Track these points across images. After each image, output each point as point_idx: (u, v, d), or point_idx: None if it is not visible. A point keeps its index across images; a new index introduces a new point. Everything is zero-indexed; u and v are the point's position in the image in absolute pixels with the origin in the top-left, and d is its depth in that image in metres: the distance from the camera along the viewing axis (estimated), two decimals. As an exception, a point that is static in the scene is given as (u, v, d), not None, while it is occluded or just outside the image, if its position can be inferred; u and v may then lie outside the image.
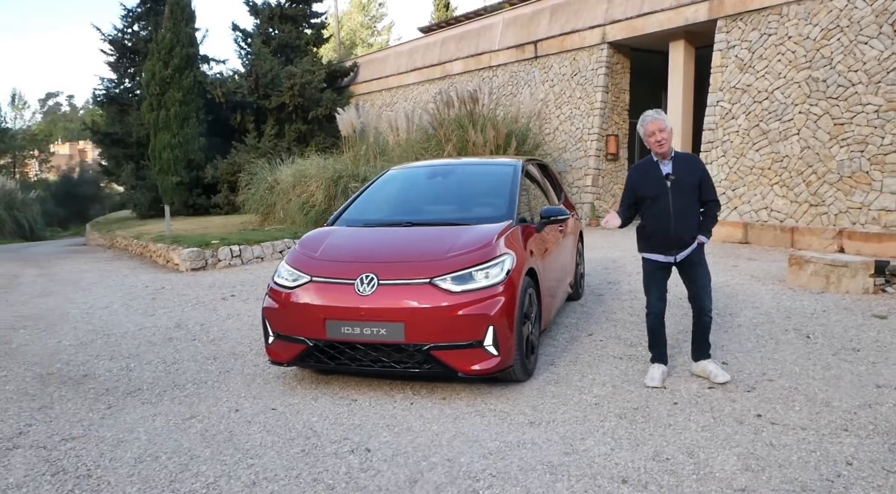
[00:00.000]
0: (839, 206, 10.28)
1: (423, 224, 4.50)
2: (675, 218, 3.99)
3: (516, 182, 4.79)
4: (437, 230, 4.36)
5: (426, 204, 4.97)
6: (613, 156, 14.69)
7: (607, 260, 9.33)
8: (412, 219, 4.60)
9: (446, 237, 4.15)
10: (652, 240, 4.14)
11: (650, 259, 4.19)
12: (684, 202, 4.02)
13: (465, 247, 3.96)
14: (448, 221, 4.51)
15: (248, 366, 4.79)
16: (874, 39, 10.02)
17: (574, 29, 15.10)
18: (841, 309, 5.97)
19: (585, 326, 5.50)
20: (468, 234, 4.14)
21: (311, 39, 23.21)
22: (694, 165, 4.17)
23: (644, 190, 4.13)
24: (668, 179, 4.04)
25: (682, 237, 4.02)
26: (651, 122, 4.07)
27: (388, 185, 5.27)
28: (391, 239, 4.32)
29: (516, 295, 3.91)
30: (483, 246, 3.97)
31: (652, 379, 4.07)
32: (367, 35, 49.53)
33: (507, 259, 3.93)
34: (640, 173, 4.25)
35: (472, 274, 3.81)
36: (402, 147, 13.38)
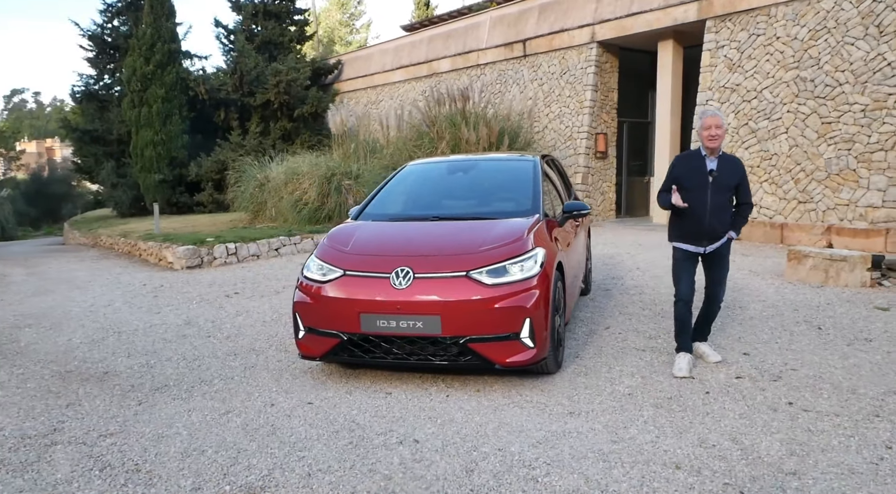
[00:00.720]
0: (827, 203, 10.54)
1: (451, 218, 4.53)
2: (711, 212, 4.15)
3: (538, 176, 4.84)
4: (468, 224, 4.40)
5: (449, 199, 4.99)
6: (602, 155, 14.85)
7: (604, 257, 9.45)
8: (438, 213, 4.63)
9: (478, 231, 4.19)
10: (685, 229, 4.27)
11: (681, 248, 4.33)
12: (721, 198, 4.19)
13: (497, 241, 4.00)
14: (476, 215, 4.55)
15: (271, 362, 4.77)
16: (860, 40, 10.28)
17: (563, 28, 15.23)
18: (843, 301, 6.14)
19: (601, 320, 5.58)
20: (499, 228, 4.18)
21: (294, 36, 23.06)
22: (736, 168, 4.32)
23: (685, 180, 4.25)
24: (710, 175, 4.17)
25: (716, 230, 4.20)
26: (711, 116, 4.18)
27: (408, 180, 5.28)
28: (422, 233, 4.34)
29: (550, 287, 3.96)
30: (515, 239, 4.02)
31: (680, 370, 4.16)
32: (346, 33, 49.31)
33: (539, 252, 3.98)
34: (685, 163, 4.36)
35: (507, 268, 3.85)
36: (395, 145, 13.37)
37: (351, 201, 11.74)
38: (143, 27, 18.81)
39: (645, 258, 9.24)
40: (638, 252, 9.96)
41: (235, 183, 14.49)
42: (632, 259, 9.25)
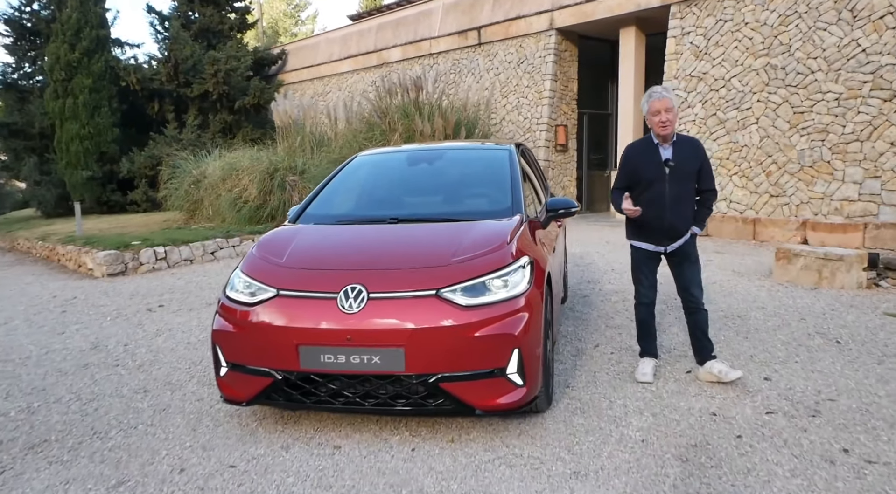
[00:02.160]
0: (800, 197, 10.08)
1: (414, 220, 3.65)
2: (670, 206, 3.69)
3: (515, 168, 4.01)
4: (435, 227, 3.53)
5: (411, 196, 4.10)
6: (563, 148, 14.19)
7: (575, 257, 8.72)
8: (398, 214, 3.73)
9: (448, 236, 3.33)
10: (643, 228, 3.82)
11: (639, 247, 3.90)
12: (681, 190, 3.72)
13: (474, 249, 3.15)
14: (445, 216, 3.67)
15: (190, 401, 3.81)
16: (833, 26, 9.83)
17: (520, 14, 14.48)
18: (847, 306, 5.53)
19: (587, 336, 4.80)
20: (474, 233, 3.33)
21: (235, 24, 21.65)
22: (695, 151, 3.81)
23: (639, 174, 3.79)
24: (666, 165, 3.70)
25: (676, 227, 3.74)
26: (658, 99, 3.67)
27: (360, 174, 4.36)
28: (378, 239, 3.44)
29: (541, 307, 3.14)
30: (496, 247, 3.17)
31: (643, 374, 3.83)
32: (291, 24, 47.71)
33: (527, 262, 3.15)
34: (636, 155, 3.87)
35: (488, 284, 3.00)
36: (344, 137, 12.38)
37: (296, 198, 10.72)
38: (67, 11, 17.19)
39: (617, 258, 8.55)
40: (608, 251, 9.27)
41: (169, 180, 13.24)
42: (603, 259, 8.55)
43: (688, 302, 3.88)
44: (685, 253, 3.83)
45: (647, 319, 3.96)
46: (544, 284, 3.28)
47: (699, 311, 3.87)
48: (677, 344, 4.48)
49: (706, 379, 3.79)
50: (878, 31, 9.39)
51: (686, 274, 3.85)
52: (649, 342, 3.98)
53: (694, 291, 3.85)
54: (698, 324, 3.86)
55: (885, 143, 9.25)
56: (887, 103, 9.25)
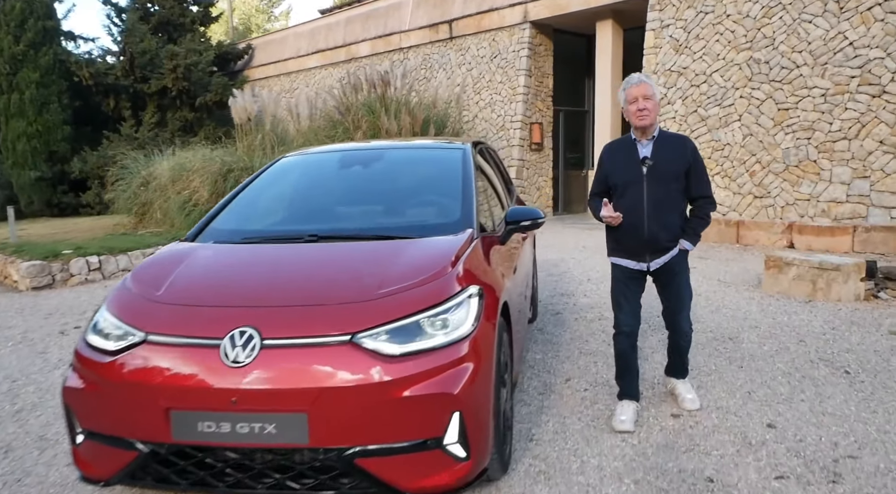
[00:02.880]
0: (786, 198, 9.53)
1: (338, 237, 2.92)
2: (650, 213, 3.14)
3: (469, 172, 3.29)
4: (362, 248, 2.81)
5: (341, 205, 3.37)
6: (538, 146, 13.54)
7: (548, 264, 8.06)
8: (320, 229, 3.00)
9: (376, 260, 2.60)
10: (621, 241, 3.28)
11: (619, 264, 3.35)
12: (663, 194, 3.17)
13: (406, 278, 2.43)
14: (377, 232, 2.96)
15: (57, 467, 3.04)
16: (819, 17, 9.28)
17: (492, 7, 13.81)
18: (848, 324, 4.93)
19: (557, 366, 4.11)
20: (410, 255, 2.62)
21: (197, 17, 20.69)
22: (681, 149, 3.24)
23: (614, 174, 3.27)
24: (643, 164, 3.17)
25: (658, 239, 3.18)
26: (636, 85, 3.16)
27: (283, 179, 3.62)
28: (285, 265, 2.71)
29: (493, 351, 2.44)
30: (436, 273, 2.46)
31: (621, 422, 3.20)
32: (264, 20, 46.64)
33: (474, 294, 2.44)
34: (612, 153, 3.36)
35: (422, 325, 2.30)
36: (305, 136, 11.61)
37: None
38: (10, 0, 16.16)
39: (594, 266, 7.91)
40: (584, 257, 8.63)
41: (116, 181, 12.35)
42: (579, 266, 7.90)
43: (672, 326, 3.40)
44: (672, 273, 3.26)
45: (627, 352, 3.34)
46: (498, 317, 2.58)
47: (680, 337, 3.41)
48: (661, 375, 3.81)
49: (668, 390, 3.55)
50: (865, 24, 8.86)
51: (673, 298, 3.32)
52: (629, 381, 3.37)
53: (681, 322, 3.33)
54: (680, 349, 3.44)
55: (874, 142, 8.73)
56: (876, 99, 8.72)
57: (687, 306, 3.33)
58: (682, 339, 3.37)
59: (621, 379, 3.39)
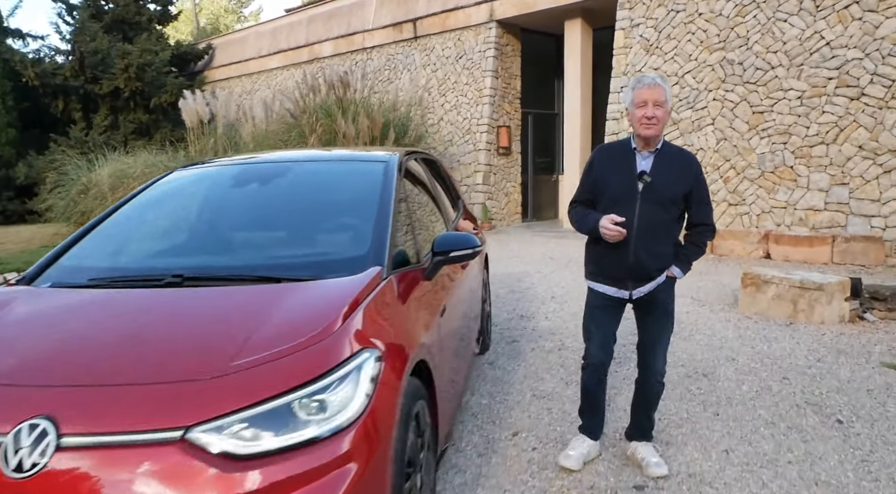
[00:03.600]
0: (761, 206, 9.08)
1: (207, 279, 2.28)
2: (639, 237, 2.71)
3: (389, 192, 2.68)
4: (232, 295, 2.15)
5: (223, 235, 2.73)
6: (506, 150, 12.99)
7: (511, 279, 7.49)
8: (188, 266, 2.38)
9: (244, 315, 1.96)
10: (602, 264, 2.84)
11: (596, 290, 2.92)
12: (656, 216, 2.72)
13: (276, 341, 1.80)
14: (258, 273, 2.29)
15: None
16: (794, 16, 8.86)
17: (458, 5, 13.24)
18: (836, 353, 4.41)
19: (504, 414, 3.52)
20: (288, 306, 1.98)
21: (154, 15, 19.85)
22: (686, 168, 2.79)
23: (604, 185, 2.80)
24: (640, 179, 2.70)
25: (645, 266, 2.75)
26: (648, 87, 2.67)
27: (164, 200, 2.97)
28: (122, 321, 2.04)
29: (389, 442, 1.83)
30: (315, 335, 1.83)
31: (567, 457, 2.89)
32: (233, 21, 45.62)
33: (368, 362, 1.83)
34: (604, 160, 2.86)
35: (291, 411, 1.67)
36: (256, 140, 10.93)
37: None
38: (-52, -4, 15.23)
39: (560, 280, 7.35)
40: (550, 270, 8.08)
41: (54, 188, 11.54)
42: (545, 281, 7.34)
43: (644, 369, 2.94)
44: (655, 304, 2.84)
45: (593, 388, 2.96)
46: (404, 384, 1.97)
47: (654, 383, 2.92)
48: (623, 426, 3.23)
49: (629, 457, 2.98)
50: (842, 23, 8.44)
51: (652, 331, 2.88)
52: (591, 417, 3.01)
53: (656, 358, 2.89)
54: (647, 400, 2.98)
55: (853, 147, 8.31)
56: (854, 102, 8.31)
57: (666, 341, 2.91)
58: (655, 381, 2.91)
59: (583, 414, 3.05)
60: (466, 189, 12.92)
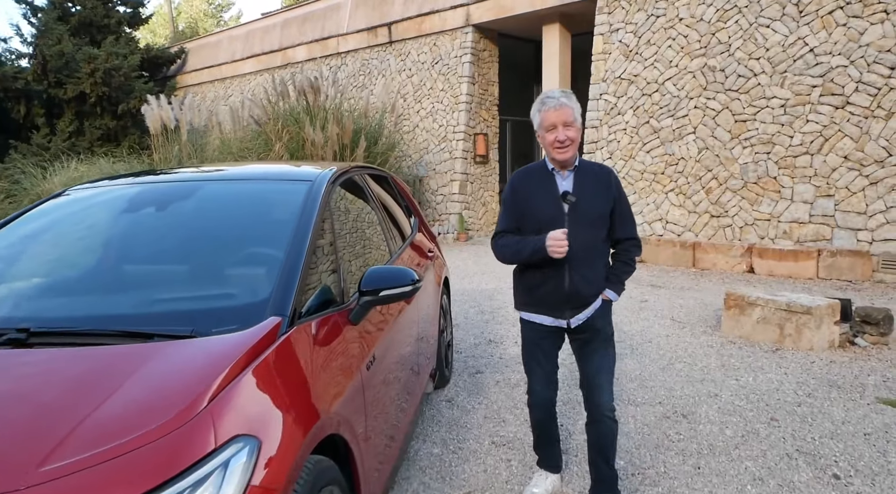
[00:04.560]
0: (744, 218, 8.75)
1: (62, 333, 1.78)
2: (573, 261, 2.51)
3: (309, 218, 2.22)
4: (81, 360, 1.65)
5: (98, 275, 2.22)
6: (483, 159, 12.60)
7: (482, 297, 7.06)
8: (39, 318, 1.89)
9: (76, 391, 1.49)
10: (536, 294, 2.63)
11: (531, 322, 2.69)
12: (587, 237, 2.54)
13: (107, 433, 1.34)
14: (115, 325, 1.80)
15: None
16: (777, 22, 8.55)
17: (433, 9, 12.85)
18: (828, 386, 4.03)
19: (457, 468, 3.07)
20: (144, 378, 1.51)
21: (124, 18, 19.24)
22: (605, 182, 2.62)
23: (529, 211, 2.60)
24: (564, 200, 2.53)
25: (581, 291, 2.56)
26: (554, 109, 2.48)
27: (40, 228, 2.48)
28: None
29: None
30: (165, 423, 1.38)
31: None
32: (211, 25, 45.02)
33: (235, 458, 1.38)
34: (524, 185, 2.65)
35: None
36: (219, 149, 10.44)
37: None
38: None
39: (534, 298, 6.92)
40: (525, 286, 7.64)
41: (6, 198, 10.95)
42: (517, 299, 6.89)
43: (589, 404, 2.63)
44: (594, 330, 2.61)
45: (544, 423, 2.77)
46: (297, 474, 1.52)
47: (604, 421, 2.59)
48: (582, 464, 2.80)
49: None
50: (826, 29, 8.15)
51: (593, 360, 2.62)
52: (548, 450, 2.83)
53: (602, 393, 2.59)
54: (600, 443, 2.61)
55: (838, 157, 8.00)
56: (839, 111, 8.00)
57: (610, 371, 2.63)
58: (605, 418, 2.59)
59: (539, 449, 2.87)
60: (442, 198, 12.51)
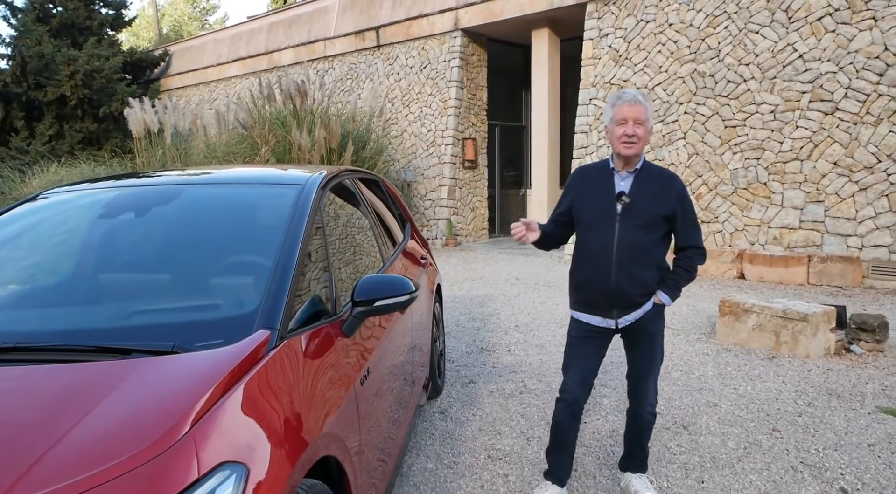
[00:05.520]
0: (735, 224, 8.72)
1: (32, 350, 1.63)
2: (619, 261, 2.57)
3: (299, 225, 2.09)
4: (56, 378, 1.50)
5: (81, 281, 2.09)
6: (472, 164, 12.51)
7: (473, 304, 6.95)
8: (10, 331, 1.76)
9: (46, 413, 1.35)
10: (583, 291, 2.70)
11: (579, 320, 2.74)
12: (637, 238, 2.58)
13: (79, 461, 1.22)
14: (90, 340, 1.67)
15: None
16: (766, 28, 8.55)
17: (422, 13, 12.76)
18: (827, 395, 3.96)
19: (451, 482, 2.95)
20: (121, 399, 1.38)
21: (107, 20, 19.00)
22: (668, 189, 2.62)
23: (582, 207, 2.68)
24: (619, 200, 2.58)
25: (627, 291, 2.60)
26: (628, 104, 2.53)
27: (13, 234, 2.35)
28: None
29: None
30: (145, 449, 1.26)
31: None
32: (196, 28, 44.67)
33: (222, 487, 1.26)
34: (581, 181, 2.75)
35: None
36: (204, 152, 10.26)
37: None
38: None
39: (526, 305, 6.83)
40: (515, 293, 7.56)
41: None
42: (508, 306, 6.81)
43: (634, 399, 2.79)
44: (645, 332, 2.67)
45: (566, 424, 2.73)
46: None
47: (644, 415, 2.76)
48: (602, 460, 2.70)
49: (622, 490, 2.84)
50: (816, 35, 8.15)
51: (642, 360, 2.71)
52: (560, 459, 2.77)
53: (647, 391, 2.73)
54: (638, 432, 2.79)
55: (828, 163, 7.99)
56: (829, 117, 8.00)
57: (656, 372, 2.76)
58: (646, 413, 2.76)
59: (552, 454, 2.81)
60: (431, 204, 12.40)
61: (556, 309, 6.54)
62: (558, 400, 2.74)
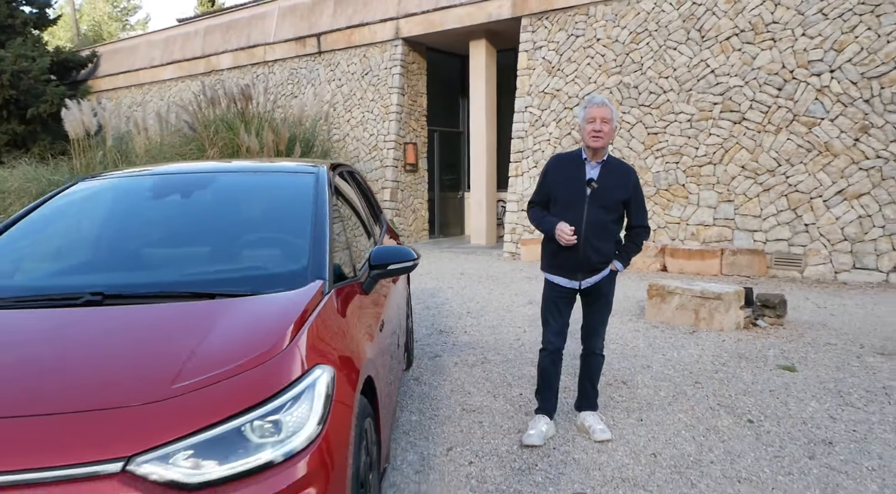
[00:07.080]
0: (657, 221, 9.61)
1: (131, 296, 2.10)
2: (587, 234, 3.20)
3: (323, 203, 2.57)
4: (162, 313, 1.97)
5: (145, 249, 2.53)
6: (413, 167, 13.04)
7: (425, 295, 7.47)
8: (108, 283, 2.18)
9: (179, 334, 1.80)
10: (557, 258, 3.32)
11: (552, 282, 3.38)
12: (601, 218, 3.22)
13: (219, 361, 1.67)
14: (189, 288, 2.11)
15: None
16: (682, 45, 9.51)
17: (363, 21, 13.21)
18: (737, 358, 4.70)
19: (436, 429, 3.47)
20: (229, 323, 1.83)
21: (30, 19, 18.45)
22: (625, 177, 3.31)
23: (557, 189, 3.31)
24: (589, 185, 3.21)
25: (591, 259, 3.24)
26: (597, 106, 3.18)
27: (72, 211, 2.71)
28: (38, 344, 1.82)
29: (346, 467, 1.73)
30: (264, 353, 1.71)
31: (529, 437, 3.24)
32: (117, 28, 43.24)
33: (321, 379, 1.74)
34: (557, 168, 3.36)
35: (242, 435, 1.56)
36: (150, 153, 10.34)
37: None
38: None
39: (474, 295, 7.41)
40: (463, 285, 8.13)
41: None
42: (458, 296, 7.37)
43: (586, 344, 3.48)
44: (600, 292, 3.34)
45: (550, 370, 3.41)
46: (357, 402, 1.89)
47: (595, 356, 3.47)
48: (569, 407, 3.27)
49: (578, 428, 3.44)
50: (725, 52, 9.15)
51: (595, 315, 3.41)
52: (547, 397, 3.44)
53: (598, 337, 3.46)
54: (590, 372, 3.48)
55: (737, 167, 8.98)
56: (737, 126, 9.01)
57: (606, 322, 3.45)
58: (597, 353, 3.43)
59: (540, 393, 3.45)
60: (373, 205, 12.82)
61: (503, 298, 7.15)
62: (541, 350, 3.41)
